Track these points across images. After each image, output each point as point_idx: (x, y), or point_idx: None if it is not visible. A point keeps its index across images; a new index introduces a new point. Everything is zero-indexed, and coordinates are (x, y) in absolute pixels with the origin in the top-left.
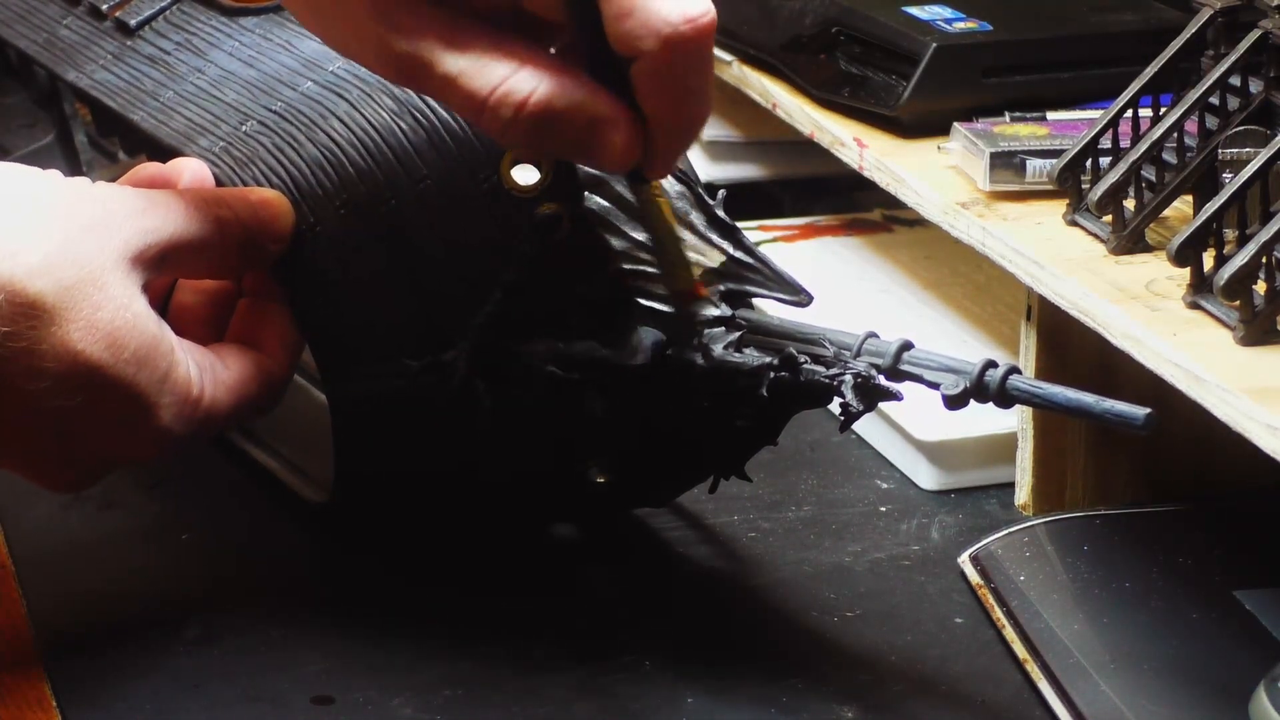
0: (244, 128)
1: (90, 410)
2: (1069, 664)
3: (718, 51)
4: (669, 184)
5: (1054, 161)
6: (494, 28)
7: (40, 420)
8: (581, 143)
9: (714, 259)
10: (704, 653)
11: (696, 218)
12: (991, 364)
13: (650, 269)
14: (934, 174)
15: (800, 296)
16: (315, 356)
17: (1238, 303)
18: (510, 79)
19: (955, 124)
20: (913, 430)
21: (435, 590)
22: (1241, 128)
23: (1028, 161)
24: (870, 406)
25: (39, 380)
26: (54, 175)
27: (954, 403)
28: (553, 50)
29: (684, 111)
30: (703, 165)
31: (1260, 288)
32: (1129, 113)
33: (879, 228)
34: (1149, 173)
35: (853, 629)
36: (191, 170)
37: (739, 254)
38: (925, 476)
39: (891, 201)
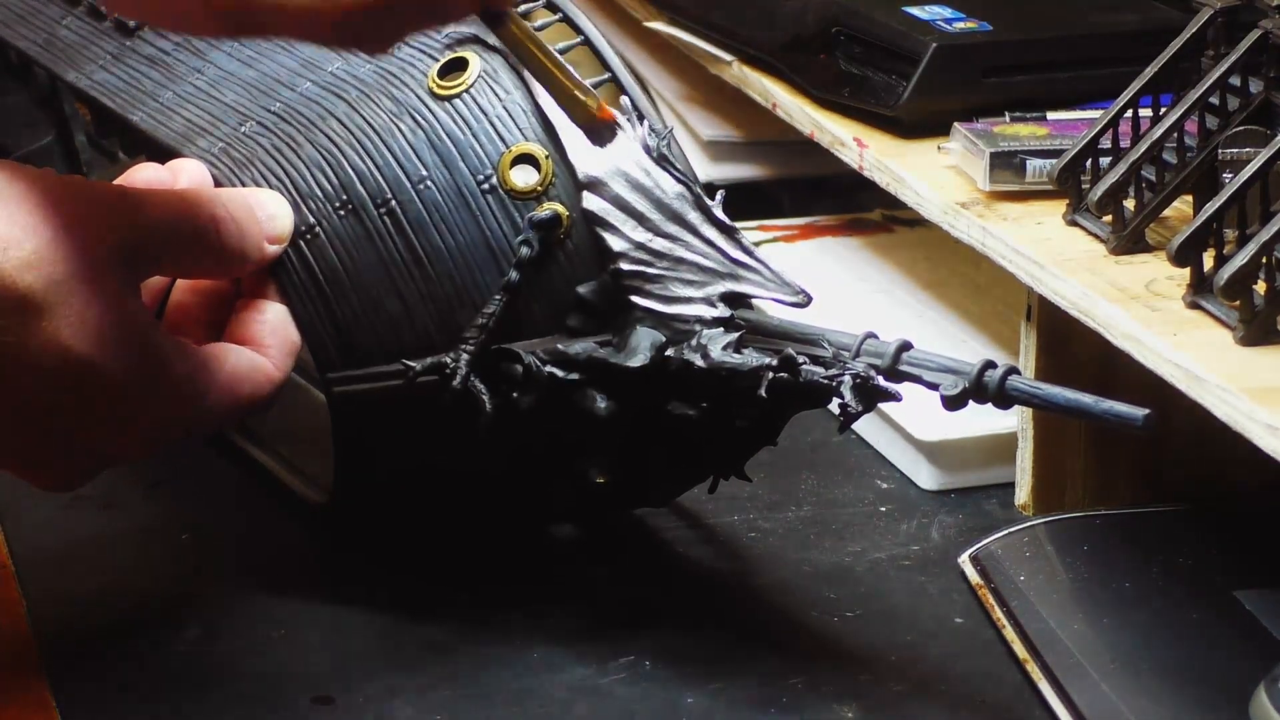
0: (243, 128)
1: (81, 407)
2: (1069, 664)
3: (718, 51)
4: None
5: (1054, 161)
6: None
7: (31, 417)
8: None
9: (713, 260)
10: (704, 653)
11: (695, 217)
12: (990, 364)
13: (650, 269)
14: (934, 174)
15: (799, 297)
16: (314, 357)
17: (1238, 303)
18: None
19: (955, 124)
20: (913, 430)
21: (435, 590)
22: (1241, 128)
23: (1028, 161)
24: (869, 407)
25: (29, 376)
26: (48, 172)
27: (953, 403)
28: None
29: None
30: (703, 165)
31: (1260, 288)
32: (1129, 113)
33: (879, 228)
34: (1149, 173)
35: (853, 629)
36: (190, 171)
37: (738, 254)
38: (925, 476)
39: (891, 201)
